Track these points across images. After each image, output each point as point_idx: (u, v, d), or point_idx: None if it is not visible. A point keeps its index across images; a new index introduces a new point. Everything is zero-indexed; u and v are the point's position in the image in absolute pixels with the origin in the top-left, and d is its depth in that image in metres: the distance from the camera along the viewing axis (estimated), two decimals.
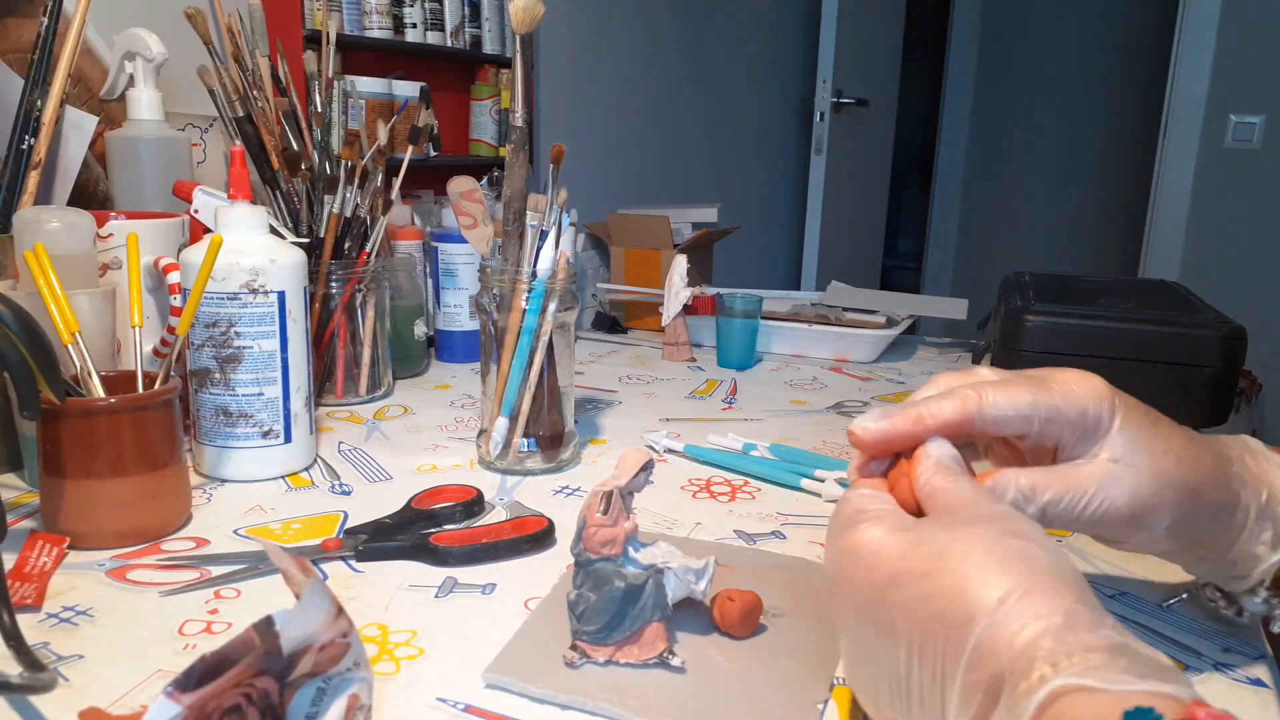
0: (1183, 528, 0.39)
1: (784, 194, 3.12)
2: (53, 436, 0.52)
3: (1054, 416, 0.38)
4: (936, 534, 0.33)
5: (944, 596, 0.30)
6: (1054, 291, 0.94)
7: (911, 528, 0.34)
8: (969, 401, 0.38)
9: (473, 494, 0.61)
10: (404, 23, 1.49)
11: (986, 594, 0.30)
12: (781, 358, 1.10)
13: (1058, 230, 3.52)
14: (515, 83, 0.67)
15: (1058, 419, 0.38)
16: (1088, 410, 0.38)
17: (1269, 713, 0.40)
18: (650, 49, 2.31)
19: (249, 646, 0.30)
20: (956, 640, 0.29)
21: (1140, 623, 0.48)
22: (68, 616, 0.46)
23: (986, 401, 0.38)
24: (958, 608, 0.30)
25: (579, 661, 0.41)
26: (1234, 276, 2.62)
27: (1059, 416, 0.38)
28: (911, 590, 0.32)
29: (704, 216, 1.35)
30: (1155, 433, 0.38)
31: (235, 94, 0.82)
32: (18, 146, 0.74)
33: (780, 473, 0.68)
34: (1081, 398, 0.38)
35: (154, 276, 0.71)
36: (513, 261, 0.67)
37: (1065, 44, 3.44)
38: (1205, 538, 0.40)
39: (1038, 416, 0.38)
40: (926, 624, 0.31)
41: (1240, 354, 0.80)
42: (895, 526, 0.34)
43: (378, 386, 0.88)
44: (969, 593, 0.30)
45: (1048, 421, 0.38)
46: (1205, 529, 0.40)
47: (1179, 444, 0.39)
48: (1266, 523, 0.40)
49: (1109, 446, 0.38)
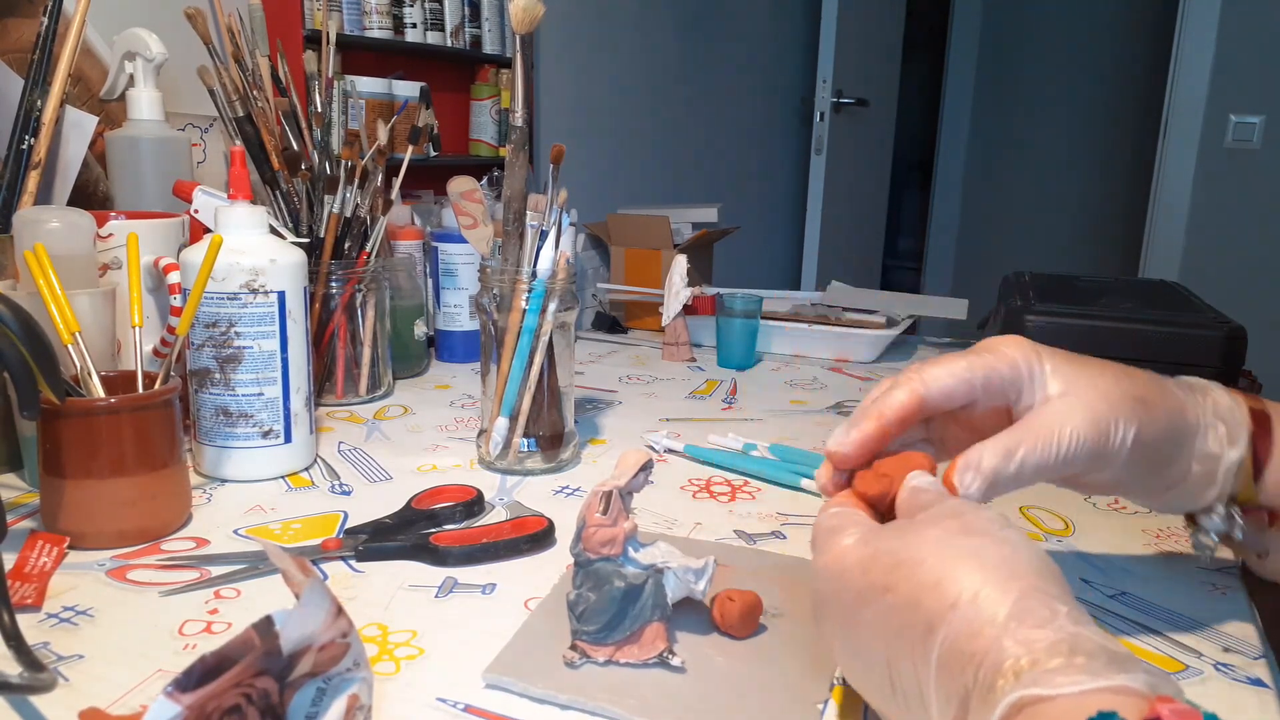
0: (1147, 441, 0.40)
1: (784, 194, 3.12)
2: (53, 436, 0.52)
3: (991, 374, 0.40)
4: (892, 544, 0.33)
5: (904, 609, 0.31)
6: (1054, 291, 0.94)
7: (872, 539, 0.34)
8: (914, 383, 0.40)
9: (473, 494, 0.61)
10: (404, 23, 1.49)
11: (939, 602, 0.30)
12: (781, 358, 1.10)
13: (1058, 230, 3.52)
14: (515, 83, 0.67)
15: (995, 376, 0.40)
16: (1018, 362, 0.40)
17: (1269, 713, 0.40)
18: (650, 49, 2.31)
19: (249, 646, 0.30)
20: (923, 654, 0.30)
21: (1140, 623, 0.48)
22: (68, 616, 0.46)
23: (929, 377, 0.40)
24: (918, 621, 0.30)
25: (579, 661, 0.41)
26: (1234, 276, 2.62)
27: (995, 373, 0.40)
28: (876, 606, 0.32)
29: (704, 216, 1.35)
30: (1084, 362, 0.41)
31: (235, 94, 0.82)
32: (18, 146, 0.74)
33: (780, 473, 0.68)
34: (1009, 353, 0.40)
35: (154, 276, 0.71)
36: (513, 261, 0.67)
37: (1065, 44, 3.44)
38: (1165, 450, 0.41)
39: (976, 379, 0.40)
40: (894, 641, 0.31)
41: (1240, 354, 0.80)
42: (860, 542, 0.35)
43: (378, 386, 0.88)
44: (923, 603, 0.30)
45: (987, 381, 0.40)
46: (1164, 439, 0.41)
47: (1111, 368, 0.41)
48: (1216, 422, 0.42)
49: (1049, 386, 0.40)
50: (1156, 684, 0.25)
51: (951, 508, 0.34)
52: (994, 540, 0.31)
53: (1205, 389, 0.43)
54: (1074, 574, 0.54)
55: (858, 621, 0.33)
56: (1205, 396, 0.43)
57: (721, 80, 2.65)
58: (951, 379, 0.40)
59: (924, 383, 0.40)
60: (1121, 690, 0.25)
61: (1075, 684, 0.25)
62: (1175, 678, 0.43)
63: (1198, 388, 0.43)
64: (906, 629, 0.30)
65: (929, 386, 0.40)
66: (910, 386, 0.40)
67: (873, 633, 0.32)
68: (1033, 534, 0.59)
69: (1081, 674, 0.25)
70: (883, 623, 0.31)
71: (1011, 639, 0.27)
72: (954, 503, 0.35)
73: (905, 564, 0.32)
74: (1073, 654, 0.26)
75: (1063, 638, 0.27)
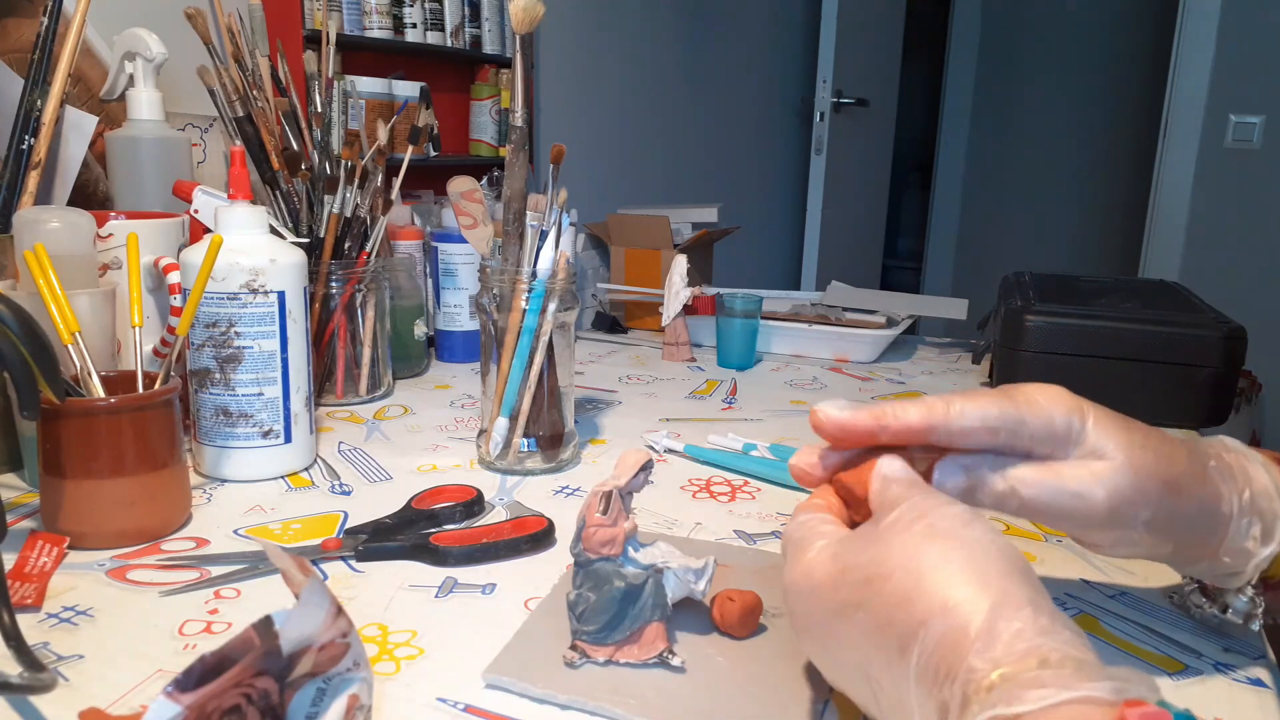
0: (1165, 525, 0.39)
1: (784, 194, 3.12)
2: (53, 436, 0.52)
3: (1019, 429, 0.37)
4: (860, 558, 0.33)
5: (878, 628, 0.30)
6: (1054, 291, 0.94)
7: (841, 553, 0.34)
8: (935, 409, 0.37)
9: (473, 494, 0.61)
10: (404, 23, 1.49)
11: (911, 618, 0.29)
12: (781, 358, 1.10)
13: (1058, 230, 3.52)
14: (515, 83, 0.67)
15: (1022, 431, 0.37)
16: (1055, 420, 0.38)
17: (1269, 713, 0.40)
18: (650, 49, 2.31)
19: (249, 646, 0.30)
20: (901, 671, 0.29)
21: (1140, 623, 0.48)
22: (68, 616, 0.46)
23: (954, 411, 0.37)
24: (892, 638, 0.30)
25: (579, 661, 0.41)
26: (1234, 276, 2.62)
27: (1024, 429, 0.37)
28: (851, 624, 0.32)
29: (704, 216, 1.35)
30: (1130, 430, 0.38)
31: (235, 94, 0.82)
32: (18, 146, 0.74)
33: (780, 473, 0.68)
34: (1047, 408, 0.38)
35: (154, 276, 0.71)
36: (513, 261, 0.67)
37: (1065, 44, 3.43)
38: (1192, 537, 0.40)
39: (1004, 428, 0.37)
40: (872, 656, 0.31)
41: (1240, 354, 0.80)
42: (829, 556, 0.34)
43: (378, 386, 0.88)
44: (895, 620, 0.30)
45: (1013, 434, 0.37)
46: (1190, 527, 0.39)
47: (1154, 440, 0.39)
48: (1253, 517, 0.40)
49: (1084, 445, 0.38)
50: (1123, 689, 0.25)
51: (917, 507, 0.33)
52: (960, 543, 0.31)
53: (1244, 474, 0.40)
54: (1074, 574, 0.54)
55: (835, 637, 0.33)
56: (1242, 482, 0.40)
57: (721, 80, 2.65)
58: (979, 422, 0.37)
59: (947, 415, 0.37)
60: (1088, 700, 0.25)
61: (1042, 698, 0.25)
62: (1175, 678, 0.43)
63: (1236, 472, 0.40)
64: (882, 647, 0.30)
65: (950, 422, 0.37)
66: (930, 411, 0.37)
67: (850, 649, 0.32)
68: (1032, 534, 0.59)
69: (1048, 687, 0.25)
70: (859, 640, 0.31)
71: (980, 654, 0.27)
72: (919, 499, 0.33)
73: (874, 579, 0.31)
74: (1041, 666, 0.26)
75: (1030, 649, 0.27)
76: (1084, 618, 0.49)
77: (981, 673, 0.27)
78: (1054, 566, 0.55)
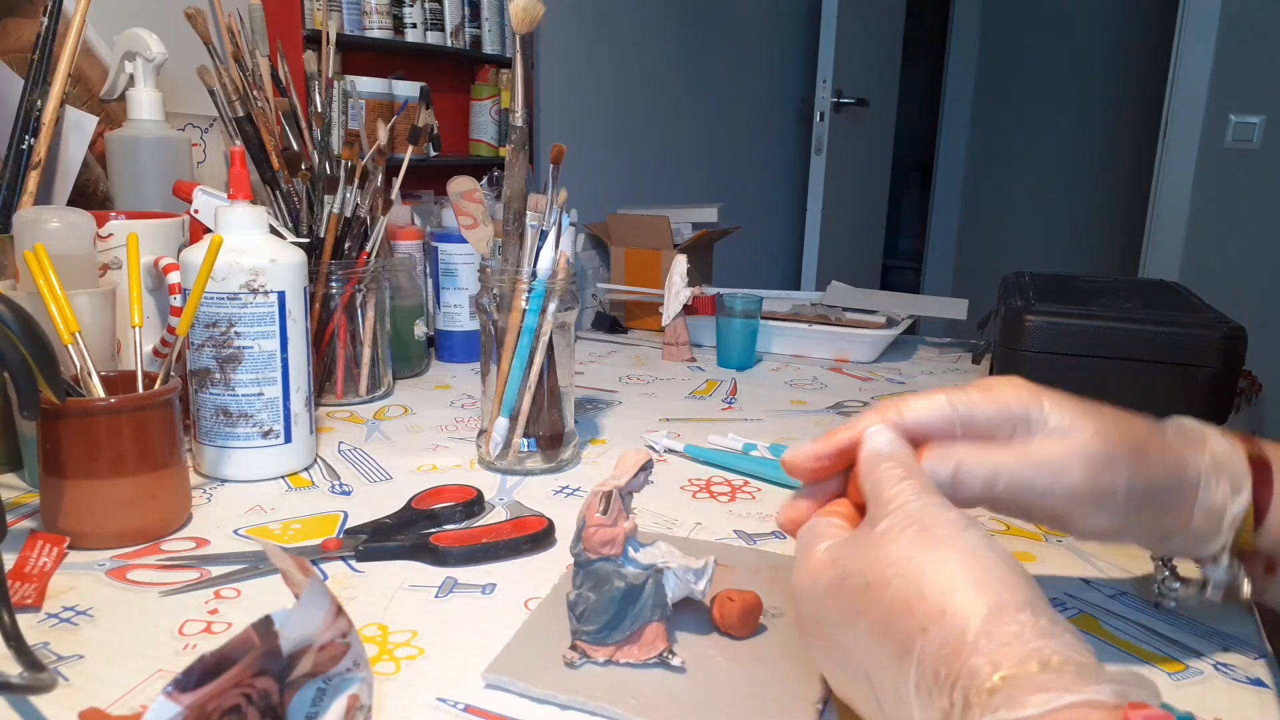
0: (1142, 493, 0.39)
1: (784, 194, 3.12)
2: (53, 436, 0.52)
3: (974, 411, 0.39)
4: (858, 564, 0.33)
5: (878, 636, 0.31)
6: (1054, 291, 0.93)
7: (840, 558, 0.34)
8: (888, 411, 0.39)
9: (473, 494, 0.61)
10: (404, 23, 1.49)
11: (910, 626, 0.30)
12: (781, 358, 1.10)
13: (1058, 230, 3.52)
14: (515, 83, 0.67)
15: (979, 414, 0.39)
16: (1010, 403, 0.39)
17: (1269, 713, 0.40)
18: (650, 49, 2.31)
19: (249, 646, 0.30)
20: (902, 679, 0.30)
21: (1140, 623, 0.48)
22: (68, 616, 0.46)
23: (905, 407, 0.39)
24: (892, 646, 0.30)
25: (579, 661, 0.41)
26: (1234, 276, 2.62)
27: (979, 411, 0.39)
28: (853, 632, 0.32)
29: (704, 216, 1.35)
30: (1087, 406, 0.40)
31: (235, 94, 0.82)
32: (18, 146, 0.74)
33: (780, 473, 0.67)
34: (1001, 393, 0.39)
35: (154, 276, 0.71)
36: (513, 261, 0.67)
37: (1065, 44, 3.44)
38: (1167, 501, 0.40)
39: (956, 415, 0.39)
40: (874, 664, 0.31)
41: (1240, 354, 0.80)
42: (829, 562, 0.34)
43: (378, 386, 0.88)
44: (895, 628, 0.30)
45: (968, 418, 0.39)
46: (1164, 491, 0.40)
47: (1112, 413, 0.40)
48: (1219, 475, 0.41)
49: (1048, 425, 0.39)
50: (1125, 691, 0.25)
51: (911, 514, 0.33)
52: (956, 550, 0.31)
53: (1202, 437, 0.42)
54: (1074, 574, 0.54)
55: (838, 644, 0.33)
56: (1203, 446, 0.41)
57: (721, 80, 2.65)
58: (929, 412, 0.39)
59: (899, 412, 0.39)
60: (1090, 704, 0.25)
61: (1045, 702, 0.25)
62: (1175, 678, 0.43)
63: (1194, 436, 0.42)
64: (883, 655, 0.30)
65: (904, 416, 0.39)
66: (882, 416, 0.39)
67: (853, 656, 0.32)
68: (1032, 534, 0.59)
69: (1050, 691, 0.25)
70: (861, 647, 0.32)
71: (981, 658, 0.27)
72: (913, 507, 0.33)
73: (873, 586, 0.31)
74: (1042, 669, 0.26)
75: (1030, 652, 0.27)
76: (1084, 618, 0.49)
77: (983, 675, 0.27)
78: (1054, 566, 0.55)
